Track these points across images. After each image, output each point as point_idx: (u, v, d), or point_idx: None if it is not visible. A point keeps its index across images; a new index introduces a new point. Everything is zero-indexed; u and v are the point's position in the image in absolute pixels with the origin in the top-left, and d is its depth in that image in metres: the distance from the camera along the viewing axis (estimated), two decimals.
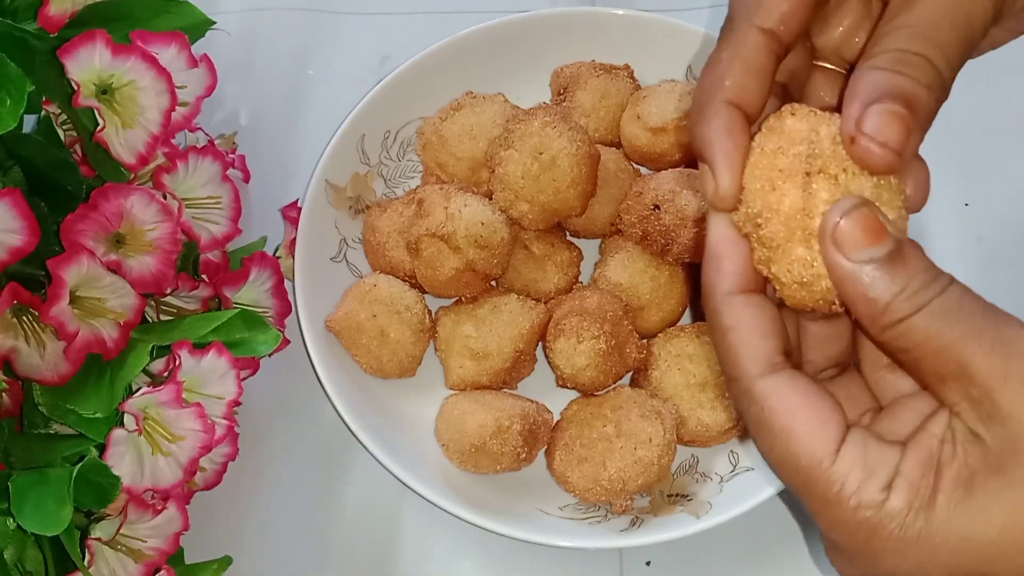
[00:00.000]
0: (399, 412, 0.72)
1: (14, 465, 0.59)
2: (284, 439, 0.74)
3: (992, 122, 0.84)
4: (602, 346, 0.68)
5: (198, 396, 0.61)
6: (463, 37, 0.81)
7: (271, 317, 0.72)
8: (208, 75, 0.66)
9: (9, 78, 0.56)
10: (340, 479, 0.73)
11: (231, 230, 0.68)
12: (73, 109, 0.59)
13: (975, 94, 0.86)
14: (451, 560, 0.70)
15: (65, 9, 0.60)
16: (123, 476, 0.58)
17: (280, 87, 0.87)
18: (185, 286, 0.66)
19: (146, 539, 0.61)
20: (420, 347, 0.72)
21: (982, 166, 0.82)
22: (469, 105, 0.78)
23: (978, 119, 0.83)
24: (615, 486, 0.66)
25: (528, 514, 0.68)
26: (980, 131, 0.83)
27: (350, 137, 0.78)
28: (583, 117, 0.79)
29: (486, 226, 0.70)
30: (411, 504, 0.71)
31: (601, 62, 0.81)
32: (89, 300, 0.59)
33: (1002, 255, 0.79)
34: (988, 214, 0.80)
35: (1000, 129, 0.84)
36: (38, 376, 0.60)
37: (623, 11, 0.82)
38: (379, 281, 0.73)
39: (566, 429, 0.69)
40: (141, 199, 0.61)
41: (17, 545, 0.59)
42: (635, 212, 0.72)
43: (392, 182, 0.81)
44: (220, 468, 0.67)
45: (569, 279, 0.75)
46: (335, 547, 0.70)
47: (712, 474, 0.70)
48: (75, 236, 0.59)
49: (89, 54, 0.58)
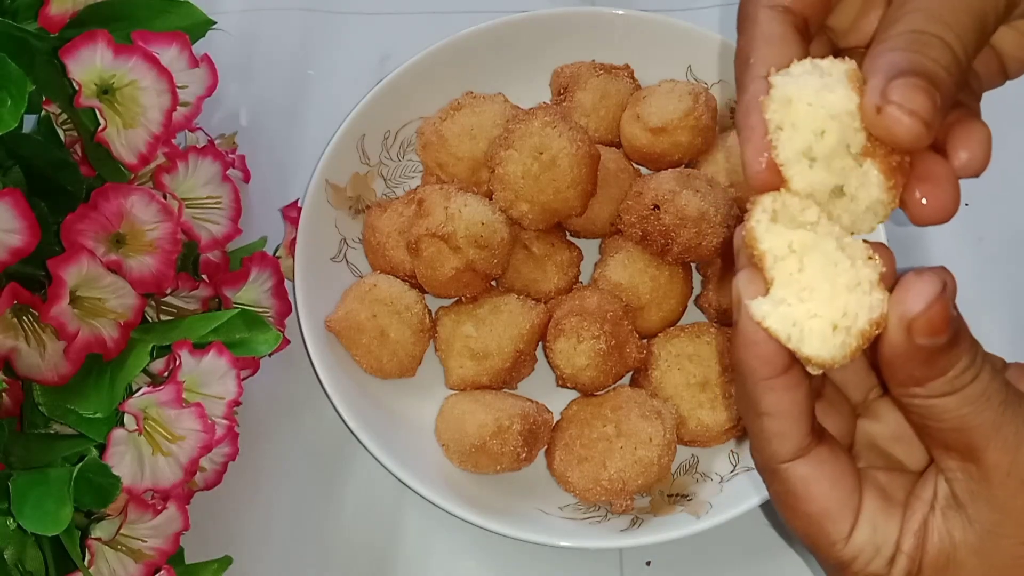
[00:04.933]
0: (399, 412, 0.72)
1: (14, 465, 0.59)
2: (284, 439, 0.74)
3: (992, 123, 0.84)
4: (602, 346, 0.68)
5: (198, 396, 0.61)
6: (463, 37, 0.81)
7: (271, 317, 0.72)
8: (209, 75, 0.66)
9: (10, 78, 0.56)
10: (340, 479, 0.73)
11: (231, 230, 0.68)
12: (74, 109, 0.59)
13: None
14: (451, 560, 0.70)
15: (66, 9, 0.60)
16: (123, 476, 0.58)
17: (280, 87, 0.87)
18: (185, 286, 0.66)
19: (146, 539, 0.61)
20: (420, 347, 0.72)
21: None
22: (469, 105, 0.78)
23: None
24: (615, 486, 0.66)
25: (528, 514, 0.68)
26: None
27: (350, 137, 0.78)
28: (583, 117, 0.79)
29: (486, 226, 0.70)
30: (411, 504, 0.71)
31: (601, 62, 0.81)
32: (89, 300, 0.59)
33: (1002, 255, 0.79)
34: (988, 214, 0.80)
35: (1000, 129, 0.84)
36: (38, 376, 0.60)
37: (623, 11, 0.82)
38: (379, 281, 0.73)
39: (566, 429, 0.69)
40: (141, 199, 0.61)
41: (17, 545, 0.59)
42: (635, 212, 0.72)
43: (392, 182, 0.81)
44: (220, 468, 0.67)
45: (569, 279, 0.75)
46: (335, 547, 0.70)
47: (712, 474, 0.70)
48: (75, 236, 0.59)
49: (90, 54, 0.58)
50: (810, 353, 0.39)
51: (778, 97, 0.39)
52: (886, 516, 0.43)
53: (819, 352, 0.39)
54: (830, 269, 0.39)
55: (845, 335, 0.39)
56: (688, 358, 0.71)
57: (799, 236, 0.39)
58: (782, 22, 0.42)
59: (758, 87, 0.40)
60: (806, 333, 0.39)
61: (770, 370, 0.40)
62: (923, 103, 0.37)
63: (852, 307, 0.39)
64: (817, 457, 0.43)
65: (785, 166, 0.40)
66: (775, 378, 0.41)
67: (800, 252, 0.39)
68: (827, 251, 0.39)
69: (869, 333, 0.39)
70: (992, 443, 0.40)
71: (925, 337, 0.38)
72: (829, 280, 0.39)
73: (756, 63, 0.41)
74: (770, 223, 0.40)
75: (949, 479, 0.42)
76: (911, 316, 0.38)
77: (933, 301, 0.38)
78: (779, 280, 0.40)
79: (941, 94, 0.38)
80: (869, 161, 0.39)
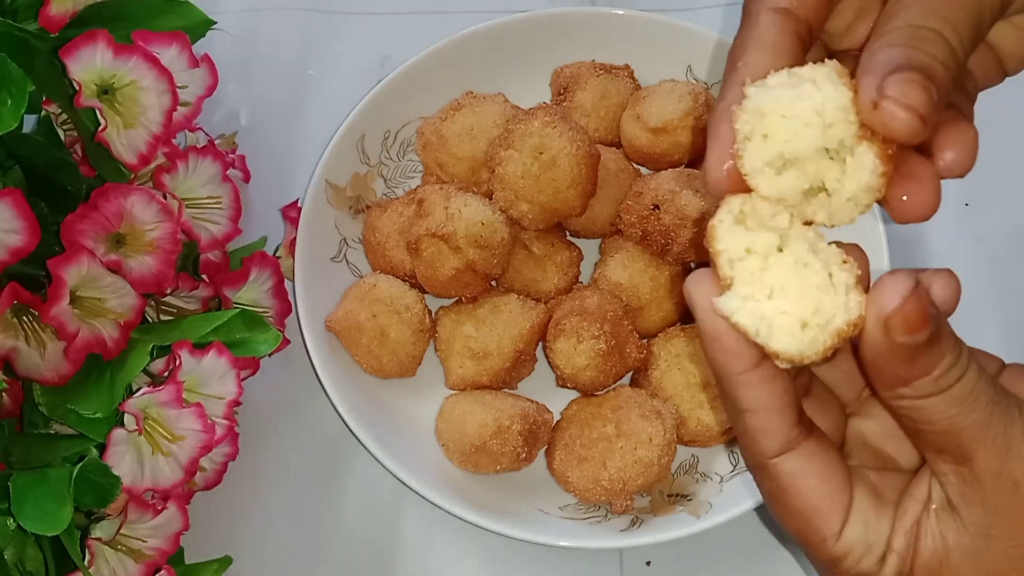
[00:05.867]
0: (399, 412, 0.72)
1: (14, 465, 0.59)
2: (284, 439, 0.74)
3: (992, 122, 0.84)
4: (602, 346, 0.68)
5: (198, 396, 0.61)
6: (463, 37, 0.81)
7: (271, 317, 0.72)
8: (209, 75, 0.66)
9: (10, 78, 0.56)
10: (340, 479, 0.73)
11: (231, 230, 0.68)
12: (74, 109, 0.59)
13: None
14: (451, 560, 0.70)
15: (66, 9, 0.60)
16: (123, 476, 0.58)
17: (280, 87, 0.87)
18: (185, 286, 0.66)
19: (146, 539, 0.61)
20: (420, 347, 0.72)
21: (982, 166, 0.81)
22: (469, 105, 0.78)
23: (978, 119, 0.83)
24: (615, 486, 0.66)
25: (528, 514, 0.68)
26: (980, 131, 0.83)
27: (350, 137, 0.78)
28: (583, 117, 0.79)
29: (486, 226, 0.70)
30: (411, 504, 0.71)
31: (601, 62, 0.81)
32: (89, 300, 0.59)
33: (1002, 255, 0.79)
34: (988, 214, 0.80)
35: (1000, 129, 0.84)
36: (38, 376, 0.60)
37: (623, 11, 0.82)
38: (379, 281, 0.73)
39: (566, 429, 0.69)
40: (141, 199, 0.61)
41: (17, 545, 0.59)
42: (635, 212, 0.72)
43: (392, 182, 0.81)
44: (220, 468, 0.67)
45: (569, 279, 0.75)
46: (335, 547, 0.70)
47: (712, 474, 0.70)
48: (75, 236, 0.59)
49: (91, 54, 0.58)
50: (778, 348, 0.39)
51: (750, 108, 0.39)
52: (878, 514, 0.43)
53: (787, 347, 0.39)
54: (800, 270, 0.39)
55: (817, 332, 0.39)
56: (688, 358, 0.71)
57: (763, 238, 0.39)
58: (781, 28, 0.42)
59: (734, 95, 0.40)
60: (775, 328, 0.39)
61: (740, 364, 0.40)
62: (920, 98, 0.37)
63: (827, 306, 0.39)
64: (806, 451, 0.42)
65: (750, 175, 0.40)
66: (748, 372, 0.41)
67: (763, 253, 0.39)
68: (797, 252, 0.39)
69: (846, 332, 0.39)
70: (982, 444, 0.40)
71: (903, 334, 0.38)
72: (799, 280, 0.39)
73: (742, 68, 0.41)
74: (733, 224, 0.40)
75: (942, 482, 0.42)
76: (887, 313, 0.38)
77: (908, 297, 0.37)
78: (741, 279, 0.40)
79: (938, 89, 0.38)
80: (866, 144, 0.39)
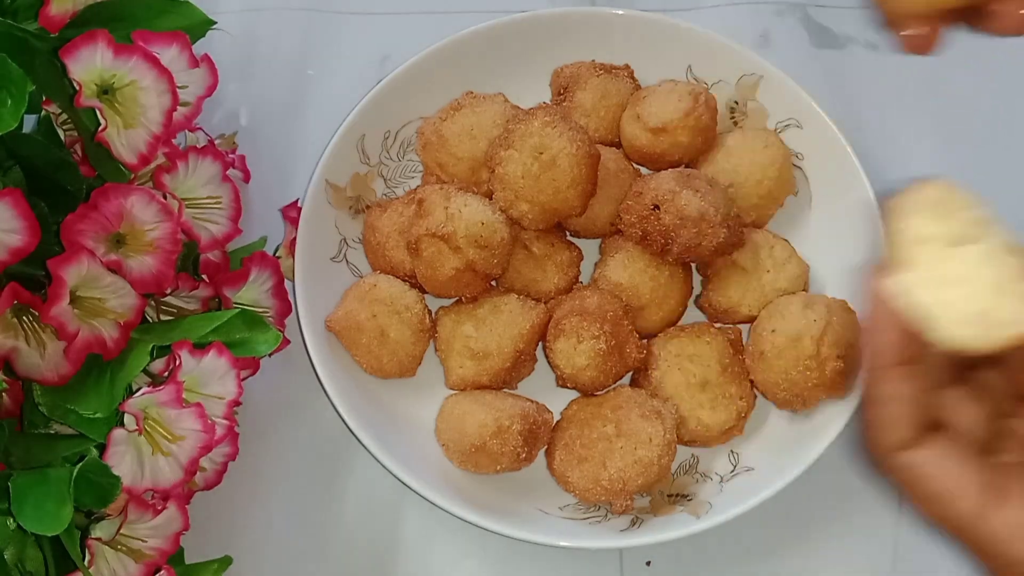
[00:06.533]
0: (399, 412, 0.72)
1: (14, 465, 0.59)
2: (284, 439, 0.74)
3: (993, 122, 0.84)
4: (602, 346, 0.68)
5: (198, 396, 0.61)
6: (463, 37, 0.81)
7: (271, 317, 0.71)
8: (209, 75, 0.66)
9: (10, 78, 0.56)
10: (340, 479, 0.73)
11: (231, 230, 0.68)
12: (74, 109, 0.59)
13: (977, 95, 0.86)
14: (451, 560, 0.70)
15: (66, 9, 0.59)
16: (123, 476, 0.58)
17: (280, 87, 0.87)
18: (185, 286, 0.66)
19: (146, 539, 0.61)
20: (420, 347, 0.72)
21: (982, 166, 0.82)
22: (469, 105, 0.78)
23: (978, 119, 0.83)
24: (615, 486, 0.66)
25: (528, 514, 0.68)
26: (981, 131, 0.84)
27: (350, 137, 0.78)
28: (583, 117, 0.79)
29: (486, 226, 0.70)
30: (411, 504, 0.71)
31: (601, 62, 0.81)
32: (89, 300, 0.59)
33: None
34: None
35: (1001, 129, 0.84)
36: (38, 376, 0.60)
37: (623, 11, 0.82)
38: (379, 281, 0.73)
39: (566, 429, 0.69)
40: (141, 199, 0.61)
41: (17, 545, 0.59)
42: (635, 212, 0.72)
43: (392, 182, 0.81)
44: (220, 468, 0.67)
45: (569, 279, 0.75)
46: (335, 547, 0.70)
47: (712, 474, 0.70)
48: (75, 236, 0.59)
49: (91, 54, 0.58)
50: (944, 334, 0.41)
51: None
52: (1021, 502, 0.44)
53: (952, 336, 0.41)
54: (982, 266, 0.41)
55: (985, 329, 0.40)
56: (688, 358, 0.71)
57: (950, 226, 0.41)
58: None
59: None
60: (945, 314, 0.41)
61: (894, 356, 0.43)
62: None
63: (1001, 309, 0.41)
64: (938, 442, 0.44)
65: None
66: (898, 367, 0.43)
67: (948, 242, 0.41)
68: (982, 250, 0.40)
69: (1014, 340, 0.41)
70: None
71: None
72: (979, 275, 0.41)
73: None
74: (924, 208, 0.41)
75: None
76: None
77: None
78: (922, 262, 0.42)
79: None
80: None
